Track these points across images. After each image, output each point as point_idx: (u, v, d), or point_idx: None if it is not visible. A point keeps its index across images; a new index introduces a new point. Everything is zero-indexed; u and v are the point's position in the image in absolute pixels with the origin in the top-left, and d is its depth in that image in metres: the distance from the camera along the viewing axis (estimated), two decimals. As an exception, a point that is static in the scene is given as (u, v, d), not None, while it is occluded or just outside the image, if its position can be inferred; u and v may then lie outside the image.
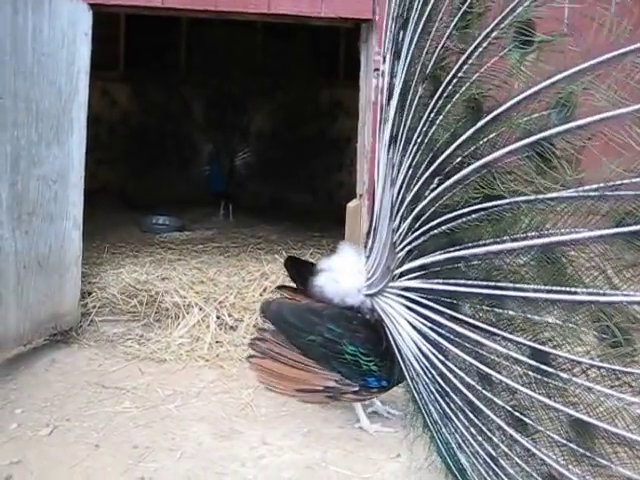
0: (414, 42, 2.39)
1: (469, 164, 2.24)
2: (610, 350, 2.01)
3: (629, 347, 2.00)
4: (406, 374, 2.52)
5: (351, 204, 4.19)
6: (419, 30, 2.37)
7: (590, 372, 2.02)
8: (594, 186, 1.98)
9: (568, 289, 2.04)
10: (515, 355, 2.16)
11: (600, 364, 1.99)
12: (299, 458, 2.73)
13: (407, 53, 2.42)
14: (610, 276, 2.02)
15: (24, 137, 3.31)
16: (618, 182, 1.94)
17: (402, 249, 2.53)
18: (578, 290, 2.03)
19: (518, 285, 2.15)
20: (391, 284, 2.60)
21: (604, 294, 1.98)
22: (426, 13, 2.35)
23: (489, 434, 2.19)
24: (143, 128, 7.20)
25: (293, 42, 7.19)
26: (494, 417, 2.18)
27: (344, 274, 2.79)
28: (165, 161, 7.10)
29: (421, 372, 2.43)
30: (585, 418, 1.99)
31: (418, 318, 2.47)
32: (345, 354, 2.72)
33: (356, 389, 2.78)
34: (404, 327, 2.52)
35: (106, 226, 5.88)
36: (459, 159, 2.28)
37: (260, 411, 3.12)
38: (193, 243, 5.79)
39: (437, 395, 2.35)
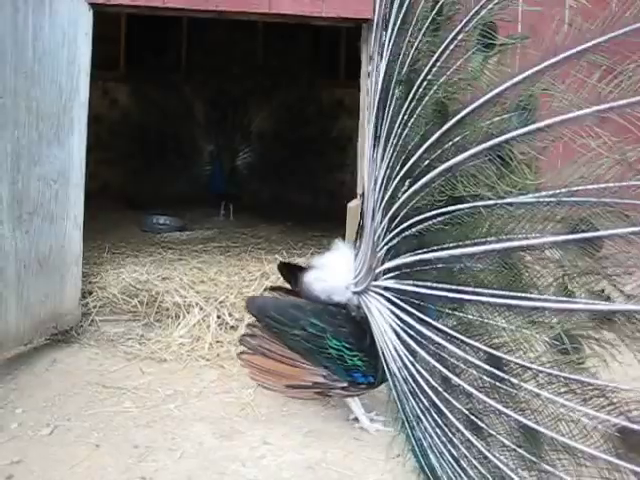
0: (392, 44, 2.40)
1: (435, 167, 2.26)
2: (559, 357, 2.04)
3: (576, 355, 2.02)
4: (387, 372, 2.53)
5: (351, 204, 4.19)
6: (396, 32, 2.38)
7: (539, 378, 2.04)
8: (551, 192, 2.00)
9: (522, 295, 2.07)
10: (472, 359, 2.19)
11: (548, 370, 2.01)
12: (299, 458, 2.73)
13: (387, 55, 2.43)
14: (563, 283, 2.05)
15: (25, 136, 3.31)
16: (575, 188, 1.95)
17: (381, 248, 2.55)
18: (532, 296, 2.05)
19: (477, 289, 2.17)
20: (374, 283, 2.61)
21: (556, 301, 2.01)
22: (401, 15, 2.37)
23: (450, 436, 2.20)
24: (143, 128, 7.20)
25: (294, 42, 7.19)
26: (454, 419, 2.20)
27: (332, 271, 2.81)
28: (166, 161, 7.10)
29: (396, 372, 2.44)
30: (531, 424, 2.01)
31: (393, 318, 2.49)
32: (329, 348, 2.74)
33: (344, 385, 2.79)
34: (383, 326, 2.53)
35: (107, 226, 5.88)
36: (427, 162, 2.30)
37: (261, 411, 3.11)
38: (194, 243, 5.79)
39: (410, 395, 2.37)
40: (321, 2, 4.02)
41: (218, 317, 4.00)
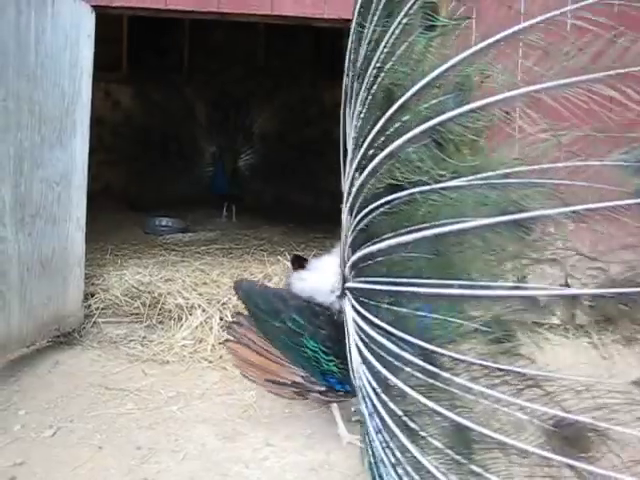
0: (353, 36, 2.35)
1: (377, 155, 2.21)
2: (492, 346, 2.00)
3: (509, 343, 2.00)
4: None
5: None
6: (356, 23, 2.32)
7: (472, 371, 2.00)
8: (484, 174, 1.97)
9: (453, 283, 2.02)
10: (407, 356, 2.13)
11: (480, 361, 1.97)
12: (302, 460, 2.73)
13: (350, 49, 2.37)
14: (494, 269, 2.02)
15: (27, 139, 3.31)
16: (508, 170, 1.93)
17: (347, 247, 2.48)
18: (463, 284, 2.01)
19: (411, 280, 2.13)
20: (346, 285, 2.52)
21: (487, 287, 1.98)
22: (358, 5, 2.30)
23: (388, 440, 2.13)
24: (146, 129, 7.21)
25: (296, 43, 7.20)
26: (390, 423, 2.13)
27: (321, 274, 2.73)
28: (168, 162, 7.11)
29: (355, 378, 2.35)
30: (463, 422, 1.96)
31: (350, 321, 2.42)
32: (306, 348, 2.67)
33: (322, 389, 2.73)
34: (348, 329, 2.44)
35: (109, 227, 5.89)
36: (372, 151, 2.25)
37: (263, 412, 3.11)
38: (196, 245, 5.79)
39: (362, 401, 2.28)
40: (323, 4, 4.02)
41: (221, 319, 4.00)
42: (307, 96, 7.37)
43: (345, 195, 2.44)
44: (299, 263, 3.00)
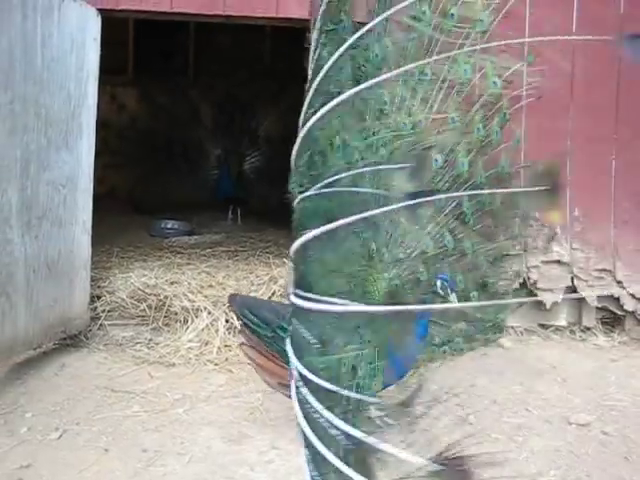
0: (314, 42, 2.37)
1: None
2: (319, 359, 2.02)
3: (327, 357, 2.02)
4: None
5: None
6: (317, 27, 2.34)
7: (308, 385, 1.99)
8: (324, 182, 1.95)
9: (303, 295, 2.03)
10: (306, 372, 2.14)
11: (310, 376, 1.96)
12: (308, 462, 2.73)
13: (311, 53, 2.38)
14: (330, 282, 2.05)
15: (34, 142, 3.32)
16: (331, 178, 1.93)
17: None
18: (306, 296, 2.02)
19: (306, 294, 2.12)
20: None
21: (318, 302, 1.97)
22: (316, 9, 2.33)
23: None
24: (151, 132, 7.22)
25: (301, 45, 7.20)
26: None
27: None
28: (173, 165, 7.11)
29: None
30: (309, 435, 1.91)
31: None
32: None
33: None
34: None
35: (114, 230, 5.89)
36: None
37: (269, 415, 3.11)
38: (202, 247, 5.79)
39: None
40: (328, 6, 4.01)
41: (226, 321, 4.01)
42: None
43: None
44: None
